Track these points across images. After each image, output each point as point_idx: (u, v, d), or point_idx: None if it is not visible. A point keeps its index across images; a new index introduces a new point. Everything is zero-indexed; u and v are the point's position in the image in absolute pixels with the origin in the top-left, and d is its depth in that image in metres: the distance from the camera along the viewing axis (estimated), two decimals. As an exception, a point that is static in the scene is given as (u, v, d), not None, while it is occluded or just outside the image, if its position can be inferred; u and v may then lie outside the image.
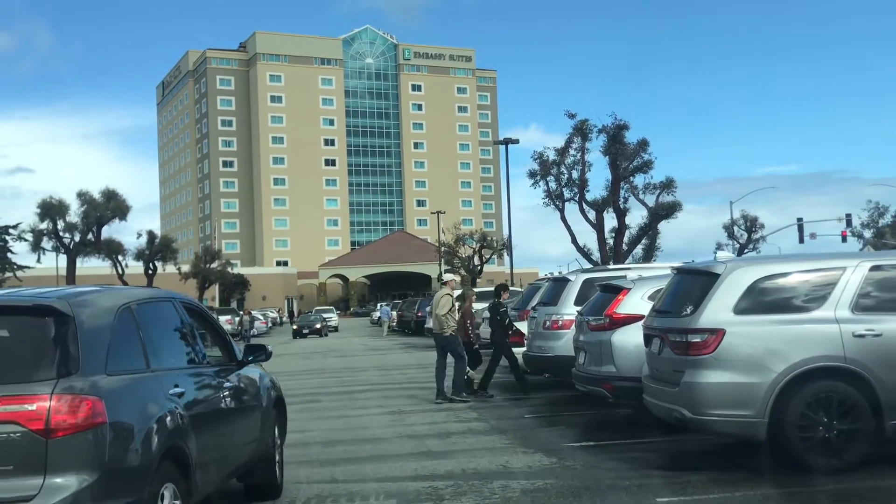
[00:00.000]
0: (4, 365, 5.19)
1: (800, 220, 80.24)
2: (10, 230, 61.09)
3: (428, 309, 34.25)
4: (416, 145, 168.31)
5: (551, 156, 35.71)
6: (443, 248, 77.32)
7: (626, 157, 34.33)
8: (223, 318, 52.47)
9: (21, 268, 64.71)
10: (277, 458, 8.54)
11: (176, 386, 6.24)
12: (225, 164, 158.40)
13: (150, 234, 67.73)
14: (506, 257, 78.78)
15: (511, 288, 40.46)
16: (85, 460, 5.02)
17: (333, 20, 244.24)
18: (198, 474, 6.21)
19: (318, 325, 54.97)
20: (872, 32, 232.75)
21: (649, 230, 36.35)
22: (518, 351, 16.99)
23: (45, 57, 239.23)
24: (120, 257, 64.55)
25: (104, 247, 60.03)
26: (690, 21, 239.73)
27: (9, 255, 62.06)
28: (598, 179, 73.91)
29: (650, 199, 35.76)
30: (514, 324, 18.32)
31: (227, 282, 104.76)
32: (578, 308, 14.37)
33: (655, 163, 34.50)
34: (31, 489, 4.89)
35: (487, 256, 74.41)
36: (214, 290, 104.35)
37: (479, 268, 74.78)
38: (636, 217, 36.32)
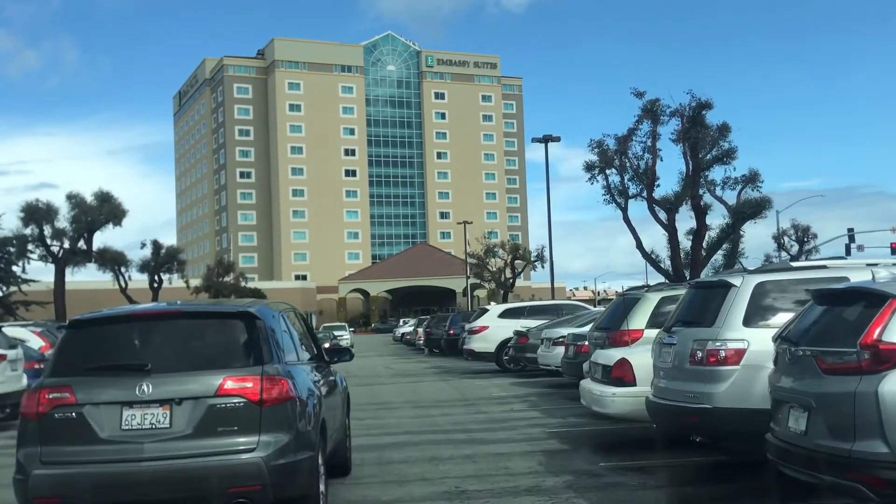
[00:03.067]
0: (226, 354, 7.13)
1: (850, 230, 74.32)
2: (15, 242, 56.09)
3: (466, 326, 28.67)
4: (440, 155, 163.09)
5: (612, 144, 30.17)
6: (471, 261, 71.90)
7: (707, 143, 28.68)
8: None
9: (25, 281, 60.26)
10: (347, 443, 10.39)
11: (315, 374, 8.42)
12: (242, 174, 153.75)
13: (156, 245, 62.47)
14: (539, 270, 72.95)
15: (534, 302, 34.81)
16: (283, 424, 6.87)
17: (355, 33, 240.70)
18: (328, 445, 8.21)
19: (325, 345, 48.97)
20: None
21: (732, 232, 30.57)
22: (626, 393, 11.54)
23: (68, 73, 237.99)
24: (122, 269, 59.39)
25: (98, 256, 54.91)
26: (708, 37, 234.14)
27: (14, 268, 57.14)
28: (666, 173, 66.85)
29: (729, 196, 30.16)
30: (608, 351, 12.92)
31: (244, 297, 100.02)
32: (752, 329, 8.91)
33: (737, 152, 28.87)
34: (251, 444, 6.68)
35: (520, 269, 68.75)
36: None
37: (510, 281, 69.25)
38: (714, 217, 30.60)
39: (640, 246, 30.77)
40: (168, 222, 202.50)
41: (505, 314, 27.14)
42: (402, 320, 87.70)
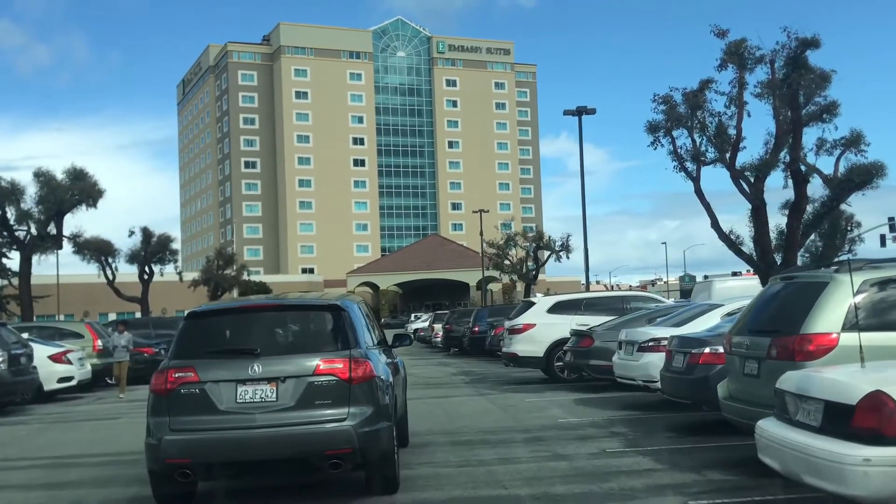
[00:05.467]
0: (319, 340, 8.55)
1: (891, 219, 68.64)
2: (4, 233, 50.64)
3: (507, 324, 23.03)
4: (451, 144, 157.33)
5: (679, 99, 24.34)
6: (491, 251, 66.33)
7: (811, 91, 22.85)
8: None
9: (16, 274, 55.29)
10: (406, 417, 11.54)
11: (387, 357, 9.87)
12: (247, 164, 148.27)
13: (146, 232, 56.77)
14: (555, 263, 66.90)
15: (592, 293, 29.36)
16: (368, 398, 8.19)
17: (364, 22, 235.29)
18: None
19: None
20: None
21: (835, 206, 24.65)
22: (892, 460, 6.04)
23: (78, 68, 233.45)
24: (109, 259, 53.90)
25: (78, 246, 49.55)
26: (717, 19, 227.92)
27: (4, 260, 51.83)
28: (750, 134, 56.52)
29: (824, 164, 24.32)
30: (833, 375, 7.54)
31: (249, 290, 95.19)
32: None
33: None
34: (343, 414, 8.01)
35: (544, 259, 63.14)
36: (231, 298, 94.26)
37: (533, 273, 63.69)
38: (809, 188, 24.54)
39: (715, 224, 25.04)
40: (176, 217, 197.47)
41: (556, 309, 21.41)
42: (413, 315, 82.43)
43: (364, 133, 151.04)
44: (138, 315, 56.51)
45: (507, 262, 65.10)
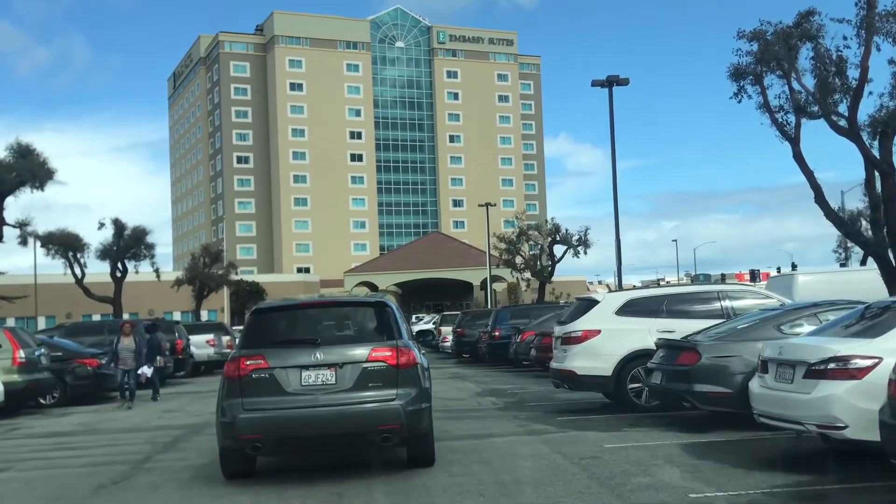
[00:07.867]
0: (369, 332, 10.03)
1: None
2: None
3: (559, 330, 17.09)
4: (452, 139, 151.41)
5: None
6: (501, 245, 60.58)
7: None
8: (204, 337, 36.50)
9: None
10: None
11: (420, 351, 10.71)
12: (239, 159, 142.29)
13: (118, 225, 50.78)
14: (571, 260, 60.85)
15: (677, 288, 23.66)
16: (412, 382, 9.61)
17: (361, 11, 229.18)
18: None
19: None
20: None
21: None
22: None
23: (76, 70, 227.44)
24: (77, 254, 48.23)
25: (49, 240, 44.09)
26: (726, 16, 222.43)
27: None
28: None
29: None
30: None
31: (241, 291, 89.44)
32: None
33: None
34: (392, 395, 9.46)
35: (560, 255, 57.38)
36: (223, 299, 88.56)
37: (549, 269, 57.95)
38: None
39: (820, 198, 19.38)
40: (169, 220, 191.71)
41: (627, 310, 15.33)
42: (415, 316, 76.57)
43: (361, 127, 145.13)
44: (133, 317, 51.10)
45: (518, 257, 59.36)
